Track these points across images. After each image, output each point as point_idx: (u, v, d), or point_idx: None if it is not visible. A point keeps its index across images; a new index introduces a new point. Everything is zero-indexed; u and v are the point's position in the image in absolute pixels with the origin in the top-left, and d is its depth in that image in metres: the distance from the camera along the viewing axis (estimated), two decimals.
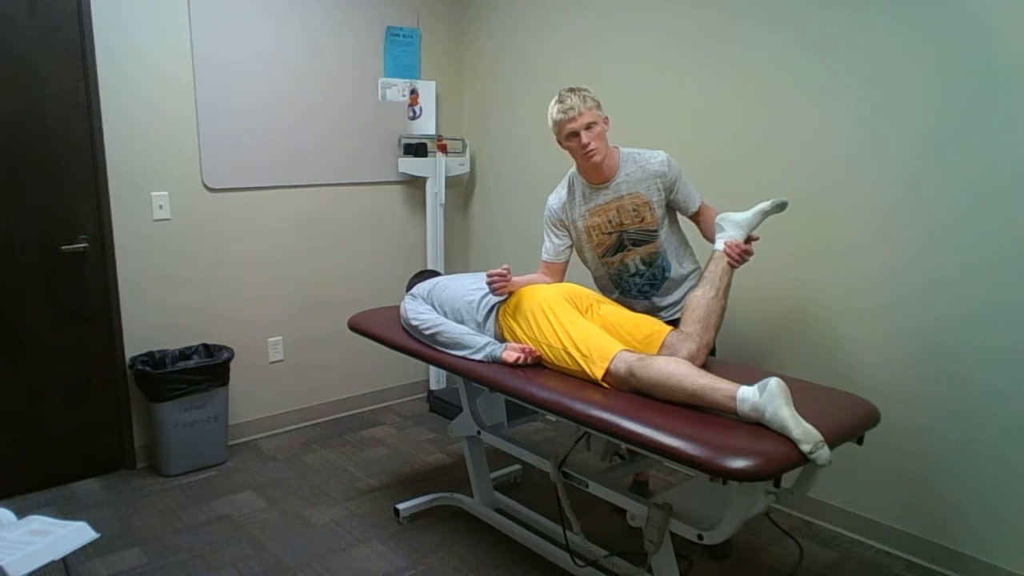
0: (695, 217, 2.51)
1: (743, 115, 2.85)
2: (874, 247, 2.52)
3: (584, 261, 2.62)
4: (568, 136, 2.34)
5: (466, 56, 4.13)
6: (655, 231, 2.45)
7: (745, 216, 2.28)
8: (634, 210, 2.42)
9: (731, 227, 2.28)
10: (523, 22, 3.74)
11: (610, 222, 2.46)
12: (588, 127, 2.31)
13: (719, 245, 2.29)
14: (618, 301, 2.58)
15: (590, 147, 2.32)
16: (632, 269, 2.51)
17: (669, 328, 2.24)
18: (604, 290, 2.64)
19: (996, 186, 2.23)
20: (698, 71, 2.98)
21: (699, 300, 2.24)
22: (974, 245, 2.30)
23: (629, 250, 2.48)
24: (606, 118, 2.38)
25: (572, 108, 2.30)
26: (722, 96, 2.91)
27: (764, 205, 2.26)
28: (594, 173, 2.42)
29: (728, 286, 2.27)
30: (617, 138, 2.48)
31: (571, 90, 2.35)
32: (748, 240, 2.29)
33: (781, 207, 2.25)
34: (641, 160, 2.43)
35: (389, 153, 3.90)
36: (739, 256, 2.26)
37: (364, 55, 3.74)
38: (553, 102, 2.36)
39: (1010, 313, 2.24)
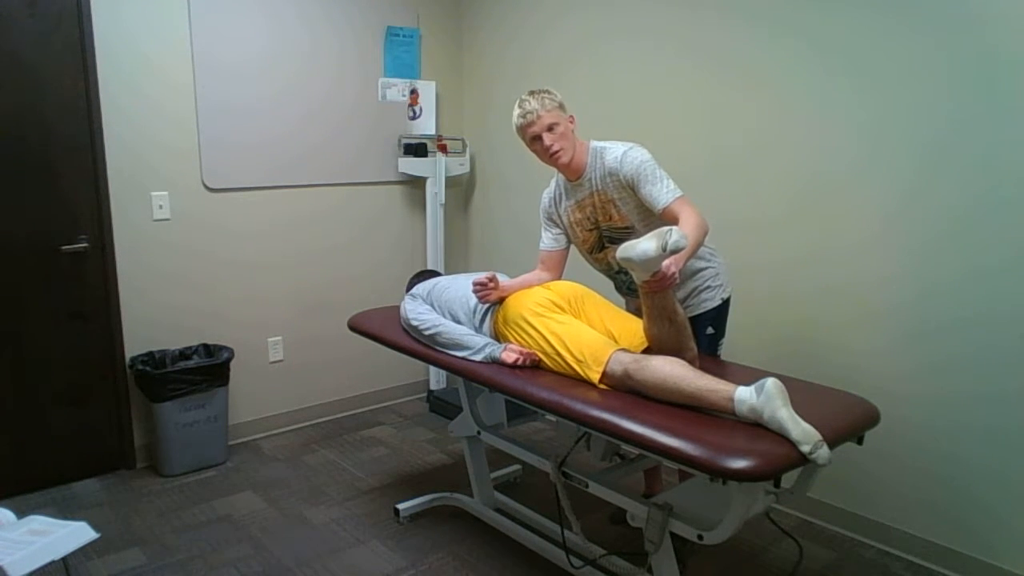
0: (662, 218, 2.21)
1: (745, 118, 2.84)
2: (878, 252, 2.52)
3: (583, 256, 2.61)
4: (532, 140, 2.32)
5: (466, 56, 4.13)
6: (629, 228, 2.35)
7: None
8: (602, 207, 2.37)
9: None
10: (523, 22, 3.74)
11: (588, 219, 2.42)
12: (550, 128, 2.28)
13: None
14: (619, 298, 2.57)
15: (553, 148, 2.29)
16: (615, 267, 2.46)
17: None
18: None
19: (1000, 191, 2.23)
20: (698, 73, 2.98)
21: (663, 336, 2.05)
22: (977, 250, 2.29)
23: (608, 248, 2.43)
24: (571, 117, 2.35)
25: (531, 112, 2.27)
26: (723, 98, 2.90)
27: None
28: (565, 171, 2.40)
29: (673, 302, 2.02)
30: (616, 139, 2.46)
31: (531, 93, 2.31)
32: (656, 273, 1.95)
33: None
34: (605, 155, 2.32)
35: (389, 153, 3.90)
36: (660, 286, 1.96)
37: (364, 55, 3.74)
38: (515, 107, 2.32)
39: (1011, 317, 2.24)
